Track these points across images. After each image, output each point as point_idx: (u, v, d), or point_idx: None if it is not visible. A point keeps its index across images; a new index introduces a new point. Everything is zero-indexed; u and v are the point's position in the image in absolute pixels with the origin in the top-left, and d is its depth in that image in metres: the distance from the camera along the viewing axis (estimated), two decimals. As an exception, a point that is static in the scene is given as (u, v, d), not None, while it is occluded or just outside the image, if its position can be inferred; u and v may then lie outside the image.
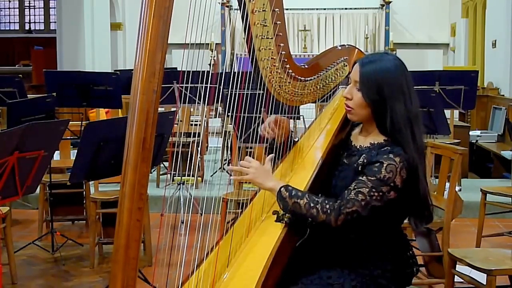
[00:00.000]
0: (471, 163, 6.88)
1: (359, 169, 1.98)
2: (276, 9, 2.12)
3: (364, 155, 2.01)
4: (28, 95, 6.01)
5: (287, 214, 2.00)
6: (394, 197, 1.93)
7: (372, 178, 1.92)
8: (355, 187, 1.93)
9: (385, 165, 1.91)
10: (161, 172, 6.05)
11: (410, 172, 1.93)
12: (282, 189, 1.99)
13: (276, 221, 2.01)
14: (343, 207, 1.91)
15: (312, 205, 1.94)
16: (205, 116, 6.31)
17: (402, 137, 1.95)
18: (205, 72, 2.86)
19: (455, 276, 3.03)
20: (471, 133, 7.42)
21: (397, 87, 1.96)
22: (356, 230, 1.99)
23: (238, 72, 2.32)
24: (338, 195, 1.98)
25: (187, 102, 5.32)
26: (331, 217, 1.92)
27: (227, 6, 12.27)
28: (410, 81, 2.00)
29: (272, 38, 2.15)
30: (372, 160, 1.95)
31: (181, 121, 5.85)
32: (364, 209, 1.91)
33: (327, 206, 1.93)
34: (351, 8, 12.56)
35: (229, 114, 4.08)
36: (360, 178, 1.94)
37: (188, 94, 5.19)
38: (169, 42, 1.69)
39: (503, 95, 8.73)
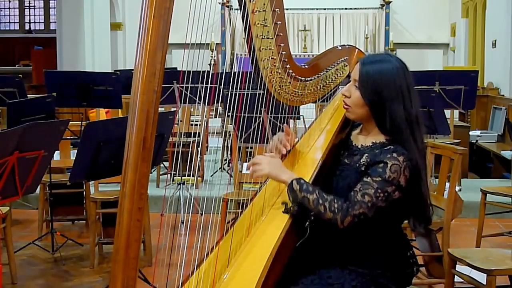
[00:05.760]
0: (471, 163, 6.87)
1: (363, 169, 1.98)
2: (277, 9, 2.12)
3: (366, 154, 2.01)
4: (28, 95, 6.01)
5: (295, 207, 1.99)
6: (398, 197, 1.94)
7: (378, 179, 1.92)
8: (361, 188, 1.93)
9: (389, 165, 1.92)
10: (161, 172, 6.05)
11: (413, 171, 1.94)
12: (294, 181, 1.99)
13: (283, 212, 2.00)
14: (351, 208, 1.92)
15: (320, 202, 1.94)
16: (205, 116, 6.31)
17: (402, 138, 1.96)
18: (205, 72, 2.87)
19: (455, 276, 3.03)
20: (471, 133, 7.43)
21: (396, 89, 1.96)
22: (358, 231, 1.99)
23: (238, 72, 2.32)
24: (340, 194, 1.98)
25: (187, 102, 5.32)
26: (337, 216, 1.92)
27: (227, 6, 12.28)
28: (411, 84, 2.00)
29: (272, 38, 2.15)
30: (375, 160, 1.95)
31: (181, 121, 5.85)
32: (370, 211, 1.92)
33: (335, 206, 1.93)
34: (351, 8, 12.57)
35: (229, 114, 4.08)
36: (365, 179, 1.94)
37: (188, 94, 5.19)
38: (169, 42, 1.69)
39: (503, 95, 8.73)
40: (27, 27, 17.69)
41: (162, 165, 6.16)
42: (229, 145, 6.39)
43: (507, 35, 8.71)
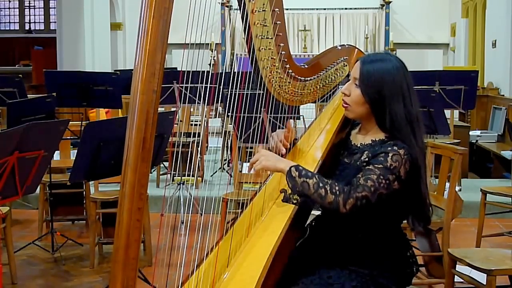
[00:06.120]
0: (471, 163, 6.88)
1: (364, 165, 1.98)
2: (276, 9, 2.12)
3: (366, 151, 2.02)
4: (28, 95, 6.01)
5: (295, 195, 1.99)
6: (398, 188, 1.94)
7: (379, 166, 1.92)
8: (363, 174, 1.93)
9: (390, 155, 1.93)
10: (161, 172, 6.05)
11: (413, 166, 1.94)
12: (292, 168, 1.97)
13: (283, 200, 2.00)
14: (353, 191, 1.91)
15: (321, 185, 1.92)
16: (205, 116, 6.31)
17: (402, 135, 1.97)
18: (205, 72, 2.87)
19: (455, 276, 3.03)
20: (471, 133, 7.43)
21: (396, 88, 1.97)
22: (358, 228, 1.99)
23: (238, 72, 2.32)
24: None
25: (187, 102, 5.32)
26: (339, 198, 1.90)
27: (227, 6, 12.28)
28: (410, 84, 2.01)
29: (272, 38, 2.15)
30: (376, 153, 1.96)
31: (181, 121, 5.85)
32: (373, 195, 1.91)
33: (337, 188, 1.92)
34: (351, 8, 12.58)
35: (229, 114, 4.08)
36: (367, 167, 1.94)
37: (188, 94, 5.19)
38: (169, 42, 1.69)
39: (503, 95, 8.73)
40: (27, 27, 17.69)
41: (162, 165, 6.16)
42: (229, 145, 6.39)
43: (507, 35, 8.71)
